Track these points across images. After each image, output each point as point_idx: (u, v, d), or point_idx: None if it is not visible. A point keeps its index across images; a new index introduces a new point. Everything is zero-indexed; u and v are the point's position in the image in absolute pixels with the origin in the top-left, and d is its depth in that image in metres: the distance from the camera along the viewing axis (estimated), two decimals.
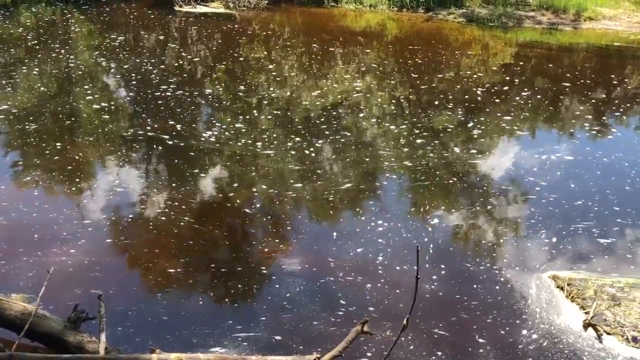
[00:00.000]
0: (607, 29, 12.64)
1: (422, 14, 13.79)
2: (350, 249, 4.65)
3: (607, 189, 5.67)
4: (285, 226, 5.06)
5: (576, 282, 4.28)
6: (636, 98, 8.62)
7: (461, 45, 11.62)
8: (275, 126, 7.19)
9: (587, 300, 4.07)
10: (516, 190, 5.77)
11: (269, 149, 6.47)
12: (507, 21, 12.90)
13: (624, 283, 4.28)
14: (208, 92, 8.34)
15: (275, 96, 8.25)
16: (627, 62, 10.66)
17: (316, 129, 7.08)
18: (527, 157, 6.46)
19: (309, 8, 14.56)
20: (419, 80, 9.08)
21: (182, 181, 5.73)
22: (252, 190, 5.60)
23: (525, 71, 9.82)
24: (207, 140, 6.63)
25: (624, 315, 3.92)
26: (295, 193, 5.53)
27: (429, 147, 6.61)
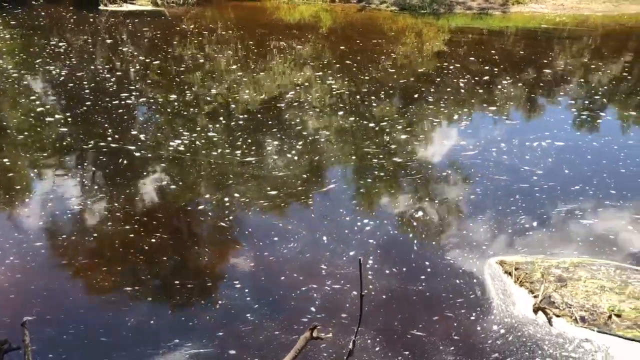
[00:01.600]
0: (534, 12, 12.98)
1: (355, 4, 13.76)
2: (297, 249, 4.51)
3: (545, 169, 5.76)
4: (232, 229, 4.86)
5: (523, 266, 4.30)
6: (564, 78, 8.87)
7: (396, 34, 11.66)
8: (218, 125, 6.94)
9: (535, 283, 4.09)
10: (457, 175, 5.79)
11: (217, 149, 6.23)
12: (439, 8, 13.04)
13: (569, 263, 4.34)
14: (151, 96, 7.97)
15: (215, 94, 8.00)
16: (555, 43, 10.96)
17: (259, 124, 6.89)
18: (467, 141, 6.50)
19: (241, 2, 14.27)
20: (357, 70, 9.02)
21: (118, 185, 5.43)
22: (197, 194, 5.37)
23: (459, 56, 9.94)
24: (146, 145, 6.32)
25: (571, 296, 3.96)
26: (240, 194, 5.34)
27: (370, 136, 6.55)
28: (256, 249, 4.56)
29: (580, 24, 12.33)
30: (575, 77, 8.99)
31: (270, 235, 4.73)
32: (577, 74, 9.11)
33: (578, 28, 12.02)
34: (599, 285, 4.05)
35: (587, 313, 3.81)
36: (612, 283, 4.08)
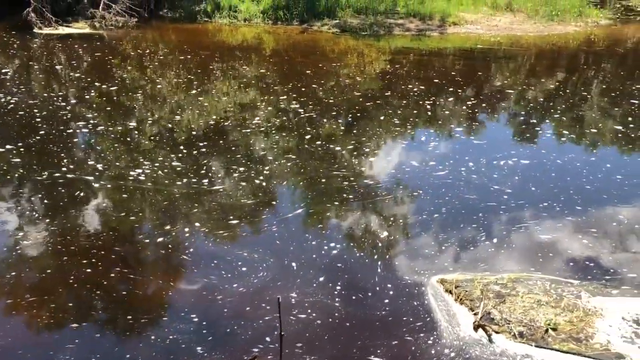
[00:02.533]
0: (470, 33, 13.42)
1: (297, 26, 13.86)
2: (243, 276, 4.44)
3: (485, 185, 5.91)
4: (188, 260, 4.73)
5: (463, 283, 4.37)
6: (503, 95, 9.18)
7: (338, 55, 11.80)
8: (162, 149, 6.79)
9: (475, 300, 4.16)
10: (403, 191, 5.87)
11: (171, 177, 6.08)
12: (379, 30, 13.30)
13: (507, 279, 4.43)
14: (95, 123, 7.73)
15: (160, 118, 7.85)
16: (491, 62, 11.34)
17: (209, 149, 6.79)
18: (412, 158, 6.60)
19: (182, 24, 14.12)
20: (302, 91, 9.06)
21: (63, 216, 5.21)
22: (153, 224, 5.23)
23: (402, 76, 10.15)
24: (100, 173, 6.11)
25: (510, 312, 4.04)
26: (198, 222, 5.23)
27: (319, 155, 6.58)
28: (210, 278, 4.47)
29: (514, 43, 12.81)
30: (516, 94, 9.32)
31: (221, 263, 4.64)
32: (518, 91, 9.46)
33: (513, 48, 12.48)
34: (535, 300, 4.15)
35: (525, 328, 3.89)
36: (548, 297, 4.19)
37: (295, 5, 14.13)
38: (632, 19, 15.32)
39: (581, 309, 4.05)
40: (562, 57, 12.03)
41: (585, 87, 9.73)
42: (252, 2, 14.36)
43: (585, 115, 8.32)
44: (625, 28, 14.30)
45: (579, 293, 4.24)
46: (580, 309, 4.06)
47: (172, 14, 14.62)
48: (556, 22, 14.09)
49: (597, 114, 8.40)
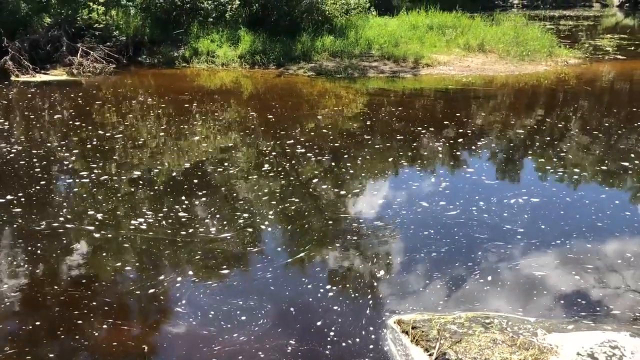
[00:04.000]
0: (443, 74, 13.71)
1: (274, 69, 14.12)
2: (229, 324, 4.41)
3: (451, 225, 5.95)
4: (185, 312, 4.68)
5: (420, 323, 4.35)
6: (485, 133, 9.33)
7: (316, 97, 12.00)
8: (141, 193, 6.79)
9: (431, 341, 4.13)
10: (382, 230, 5.89)
11: (164, 225, 6.07)
12: (353, 72, 13.56)
13: (464, 318, 4.42)
14: (67, 169, 7.75)
15: (140, 164, 7.88)
16: (466, 102, 11.56)
17: (189, 190, 6.81)
18: (394, 198, 6.66)
19: (160, 70, 14.33)
20: (282, 133, 9.17)
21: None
22: (143, 274, 5.19)
23: (381, 116, 10.33)
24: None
25: (465, 352, 4.01)
26: (192, 272, 5.20)
27: (300, 197, 6.63)
28: (208, 328, 4.42)
29: (487, 83, 13.09)
30: (496, 131, 9.47)
31: (204, 310, 4.59)
32: (500, 129, 9.64)
33: (486, 88, 12.74)
34: (491, 339, 4.13)
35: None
36: (504, 335, 4.17)
37: (272, 49, 14.41)
38: (601, 58, 15.75)
39: (537, 347, 4.03)
40: (536, 95, 12.31)
41: (568, 124, 9.92)
42: (229, 47, 14.63)
43: (567, 152, 8.42)
44: (595, 67, 14.68)
45: (535, 330, 4.23)
46: (535, 346, 4.04)
47: (151, 59, 14.85)
48: (527, 62, 14.45)
49: (588, 150, 8.52)
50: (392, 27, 15.94)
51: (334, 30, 15.30)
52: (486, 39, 15.31)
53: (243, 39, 14.82)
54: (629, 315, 4.54)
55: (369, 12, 16.92)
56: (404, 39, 15.10)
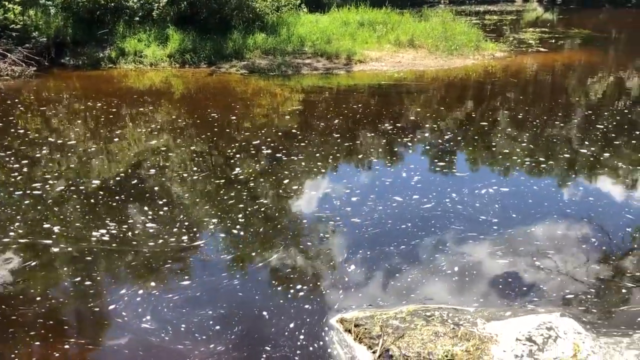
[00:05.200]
0: (376, 70, 13.83)
1: (205, 68, 13.81)
2: (164, 329, 4.20)
3: (395, 216, 5.97)
4: (124, 321, 4.44)
5: (363, 321, 4.32)
6: (423, 126, 9.44)
7: (250, 96, 11.81)
8: (76, 203, 6.43)
9: (375, 338, 4.12)
10: (324, 228, 5.83)
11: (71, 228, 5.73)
12: (287, 69, 13.46)
13: (406, 312, 4.44)
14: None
15: (65, 170, 7.46)
16: (400, 97, 11.69)
17: (122, 197, 6.49)
18: (333, 194, 6.60)
19: (85, 72, 13.73)
20: (217, 133, 8.96)
21: None
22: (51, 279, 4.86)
23: (318, 113, 10.27)
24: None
25: (408, 347, 4.02)
26: (102, 278, 4.93)
27: (239, 197, 6.46)
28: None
29: (419, 78, 13.30)
30: (434, 125, 9.60)
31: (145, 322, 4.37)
32: (436, 122, 9.75)
33: (418, 83, 12.94)
34: (433, 332, 4.16)
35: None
36: (445, 327, 4.21)
37: (202, 48, 14.10)
38: (525, 50, 16.35)
39: (477, 337, 4.09)
40: (467, 89, 12.61)
41: (496, 116, 10.20)
42: (158, 47, 14.20)
43: (509, 143, 8.65)
44: (519, 59, 15.22)
45: (475, 320, 4.30)
46: (476, 336, 4.10)
47: (75, 61, 14.19)
48: (456, 56, 14.80)
49: (531, 140, 8.76)
50: (324, 23, 15.94)
51: (265, 28, 15.14)
52: (416, 35, 15.57)
53: (172, 37, 14.42)
54: (561, 296, 4.69)
55: (299, 9, 16.85)
56: (335, 35, 15.13)
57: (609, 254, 5.35)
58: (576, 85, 13.00)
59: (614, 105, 10.98)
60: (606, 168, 7.52)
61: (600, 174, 7.40)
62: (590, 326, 4.24)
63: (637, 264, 5.19)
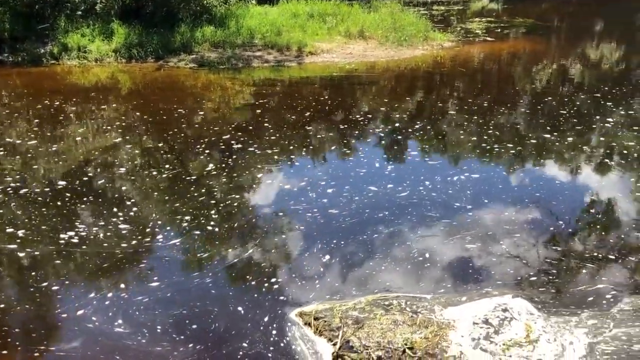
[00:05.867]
0: (327, 61, 13.81)
1: (153, 63, 13.47)
2: (119, 327, 4.06)
3: (355, 209, 5.97)
4: (96, 326, 4.25)
5: (322, 313, 4.31)
6: (374, 117, 9.47)
7: (200, 90, 11.60)
8: (29, 205, 6.14)
9: (335, 330, 4.11)
10: (285, 222, 5.77)
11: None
12: (237, 62, 13.29)
13: (365, 302, 4.44)
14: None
15: (10, 170, 7.14)
16: (352, 88, 11.71)
17: (72, 197, 6.23)
18: (286, 190, 6.55)
19: (26, 68, 13.17)
20: (167, 129, 8.75)
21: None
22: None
23: (269, 106, 10.18)
24: None
25: (368, 337, 4.03)
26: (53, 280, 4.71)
27: (193, 192, 6.32)
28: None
29: (370, 69, 13.35)
30: (387, 114, 9.63)
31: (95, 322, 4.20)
32: (386, 111, 9.78)
33: (370, 74, 12.99)
34: (392, 320, 4.18)
35: (383, 351, 3.89)
36: (404, 316, 4.24)
37: (149, 42, 13.74)
38: (472, 40, 16.65)
39: (435, 323, 4.14)
40: (418, 78, 12.76)
41: (446, 104, 10.33)
42: (102, 42, 13.75)
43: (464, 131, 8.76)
44: (467, 49, 15.49)
45: (433, 307, 4.35)
46: (434, 323, 4.15)
47: (14, 57, 13.58)
48: (405, 46, 14.94)
49: (490, 126, 8.89)
50: (274, 15, 15.79)
51: (214, 21, 14.87)
52: (365, 26, 15.62)
53: (117, 32, 13.99)
54: (516, 278, 4.79)
55: (248, 1, 16.64)
56: (286, 27, 15.01)
57: (565, 236, 5.50)
58: (522, 73, 13.33)
59: (560, 91, 11.32)
60: (566, 152, 7.75)
61: (559, 158, 7.61)
62: (542, 306, 4.35)
63: (587, 246, 5.36)
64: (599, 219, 5.90)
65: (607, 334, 3.93)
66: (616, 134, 8.41)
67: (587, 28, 19.79)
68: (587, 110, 9.65)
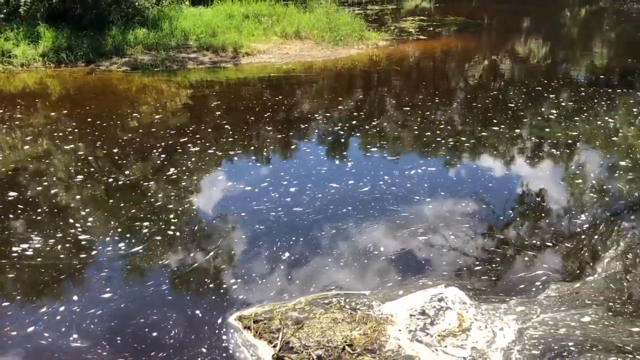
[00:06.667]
0: (264, 62, 13.76)
1: (84, 67, 13.03)
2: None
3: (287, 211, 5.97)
4: (49, 343, 4.01)
5: (262, 316, 4.29)
6: (313, 117, 9.49)
7: (135, 94, 11.31)
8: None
9: (274, 332, 4.10)
10: (223, 225, 5.71)
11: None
12: (172, 65, 13.04)
13: (305, 302, 4.46)
14: None
15: None
16: (291, 88, 11.71)
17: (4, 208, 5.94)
18: (230, 193, 6.47)
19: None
20: (103, 135, 8.47)
21: None
22: None
23: (207, 108, 10.03)
24: None
25: (308, 336, 4.04)
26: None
27: (133, 199, 6.15)
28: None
29: (307, 69, 13.40)
30: (325, 115, 9.66)
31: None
32: (325, 113, 9.81)
33: (307, 74, 13.03)
34: (332, 319, 4.22)
35: (323, 350, 3.91)
36: (343, 313, 4.28)
37: (79, 45, 13.27)
38: (406, 38, 16.98)
39: (374, 319, 4.20)
40: (355, 77, 12.89)
41: (385, 101, 10.49)
42: (28, 46, 13.19)
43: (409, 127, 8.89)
44: (401, 47, 15.79)
45: (371, 303, 4.41)
46: (373, 319, 4.21)
47: None
48: (341, 46, 15.07)
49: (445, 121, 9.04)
50: (208, 17, 15.59)
51: (146, 23, 14.53)
52: (301, 26, 15.66)
53: (44, 35, 13.43)
54: (451, 269, 4.93)
55: (181, 3, 16.36)
56: (221, 28, 14.85)
57: (503, 226, 5.70)
58: (456, 70, 13.72)
59: (492, 86, 11.71)
60: (501, 144, 8.01)
61: (496, 150, 7.87)
62: (474, 295, 4.49)
63: (522, 234, 5.57)
64: (534, 208, 6.15)
65: (535, 320, 4.10)
66: (548, 126, 8.78)
67: (515, 25, 20.57)
68: (517, 104, 10.03)
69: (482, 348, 3.83)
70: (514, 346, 3.85)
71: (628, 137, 8.25)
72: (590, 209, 6.02)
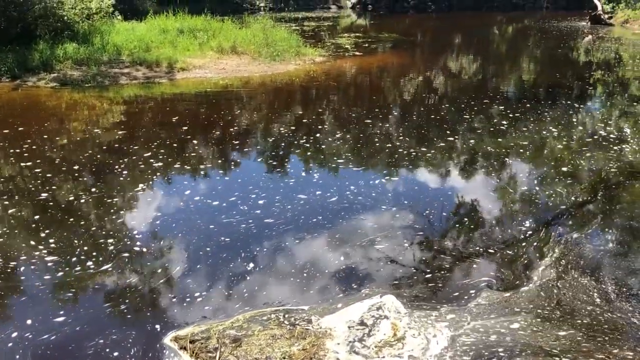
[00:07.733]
0: (200, 77, 13.62)
1: (9, 83, 12.49)
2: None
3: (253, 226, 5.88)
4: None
5: (199, 335, 4.18)
6: (248, 133, 9.42)
7: (65, 110, 10.93)
8: None
9: (212, 351, 4.00)
10: (159, 244, 5.52)
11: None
12: (104, 80, 12.71)
13: (243, 320, 4.38)
14: None
15: None
16: (228, 103, 11.60)
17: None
18: (163, 210, 6.28)
19: None
20: (30, 153, 8.08)
21: None
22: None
23: (139, 125, 9.78)
24: None
25: (246, 354, 3.97)
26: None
27: (58, 220, 5.83)
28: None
29: (245, 84, 13.36)
30: (263, 129, 9.63)
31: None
32: (262, 126, 9.77)
33: (245, 89, 12.99)
34: (270, 335, 4.16)
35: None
36: (282, 329, 4.24)
37: (3, 60, 12.73)
38: (343, 55, 17.26)
39: (313, 334, 4.18)
40: (294, 92, 12.95)
41: (323, 116, 10.55)
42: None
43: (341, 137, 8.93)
44: (338, 63, 16.02)
45: (310, 317, 4.39)
46: (312, 334, 4.18)
47: None
48: (278, 61, 15.14)
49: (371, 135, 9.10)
50: (141, 31, 15.32)
51: (76, 37, 14.13)
52: (238, 41, 15.64)
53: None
54: (389, 279, 4.98)
55: (113, 17, 16.01)
56: (155, 43, 14.63)
57: (436, 236, 5.81)
58: (392, 85, 14.03)
59: (426, 101, 12.03)
60: (436, 158, 8.21)
61: (432, 164, 8.04)
62: (408, 302, 4.55)
63: (457, 244, 5.70)
64: (469, 218, 6.31)
65: (466, 327, 4.20)
66: (481, 139, 9.09)
67: (447, 42, 21.30)
68: (451, 118, 10.34)
69: (417, 356, 3.87)
70: (447, 352, 3.92)
71: (556, 148, 8.65)
72: (524, 218, 6.23)
